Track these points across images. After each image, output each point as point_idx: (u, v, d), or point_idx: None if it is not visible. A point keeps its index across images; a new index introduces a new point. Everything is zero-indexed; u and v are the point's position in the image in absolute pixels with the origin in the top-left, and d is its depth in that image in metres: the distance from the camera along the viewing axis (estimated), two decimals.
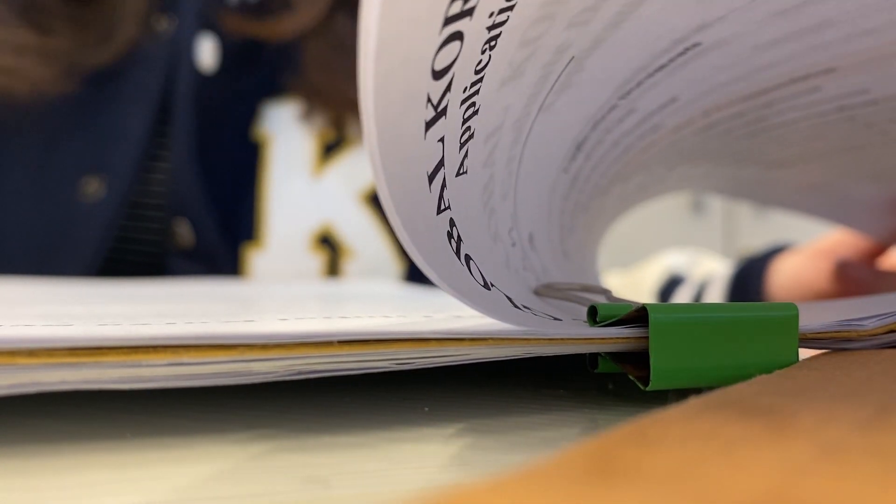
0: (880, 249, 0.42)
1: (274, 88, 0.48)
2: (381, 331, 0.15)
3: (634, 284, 0.58)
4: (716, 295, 0.49)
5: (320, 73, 0.48)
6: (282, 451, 0.14)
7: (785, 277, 0.46)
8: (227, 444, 0.14)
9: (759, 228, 1.77)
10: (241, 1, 0.49)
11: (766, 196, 0.38)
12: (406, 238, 0.14)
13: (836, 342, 0.19)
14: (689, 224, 1.69)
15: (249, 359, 0.14)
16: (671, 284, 0.55)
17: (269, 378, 0.14)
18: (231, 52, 0.48)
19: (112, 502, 0.11)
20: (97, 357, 0.13)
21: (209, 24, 0.48)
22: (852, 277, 0.39)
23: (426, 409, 0.17)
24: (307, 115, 0.48)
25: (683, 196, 1.69)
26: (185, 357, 0.13)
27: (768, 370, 0.16)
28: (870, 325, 0.19)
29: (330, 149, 0.48)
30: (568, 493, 0.07)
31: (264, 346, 0.14)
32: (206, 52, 0.47)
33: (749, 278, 0.47)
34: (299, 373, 0.14)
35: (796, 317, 0.18)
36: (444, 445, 0.14)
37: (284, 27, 0.47)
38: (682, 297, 0.52)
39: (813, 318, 0.20)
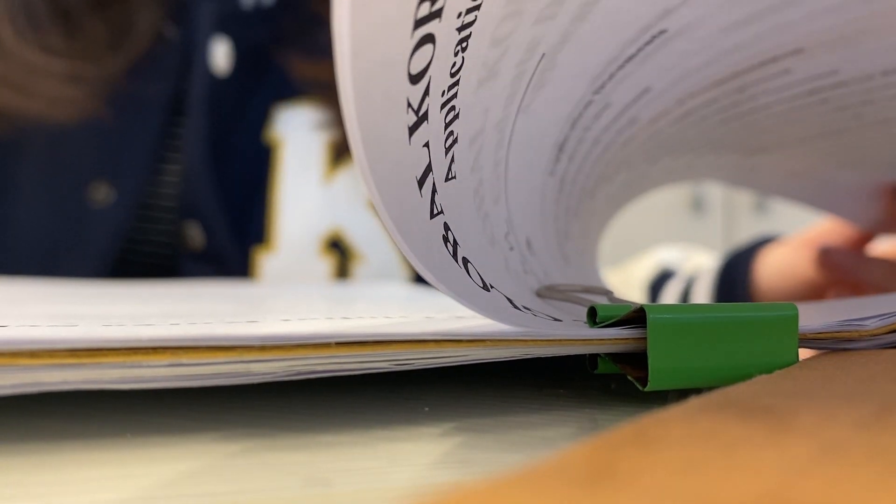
0: (866, 238, 0.43)
1: (286, 92, 0.48)
2: (378, 332, 0.15)
3: (626, 279, 0.58)
4: (704, 287, 0.49)
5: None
6: (283, 450, 0.14)
7: (772, 267, 0.46)
8: (229, 442, 0.14)
9: (758, 226, 1.77)
10: (255, 4, 0.49)
11: (752, 182, 0.39)
12: (401, 241, 0.14)
13: (836, 342, 0.19)
14: (689, 223, 1.69)
15: (248, 360, 0.14)
16: (662, 278, 0.55)
17: (269, 378, 0.14)
18: (244, 55, 0.48)
19: (110, 497, 0.11)
20: (98, 358, 0.13)
21: (223, 28, 0.48)
22: (835, 263, 0.39)
23: (426, 408, 0.17)
24: (324, 124, 0.48)
25: (683, 195, 1.69)
26: (185, 358, 0.13)
27: (768, 371, 0.16)
28: (872, 324, 0.19)
29: (341, 153, 0.48)
30: (568, 493, 0.07)
31: (262, 348, 0.14)
32: (220, 56, 0.47)
33: (736, 270, 0.48)
34: (298, 373, 0.14)
35: (796, 317, 0.17)
36: (445, 445, 0.14)
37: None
38: (672, 290, 0.53)
39: (813, 319, 0.20)
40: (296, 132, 0.47)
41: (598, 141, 0.25)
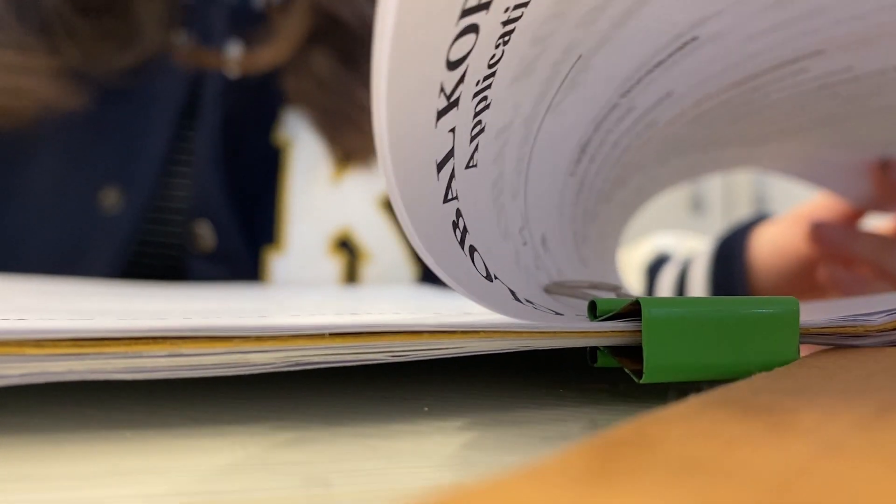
0: (858, 214, 0.43)
1: (295, 94, 0.48)
2: (371, 323, 0.15)
3: (623, 264, 0.58)
4: (700, 267, 0.50)
5: (306, 109, 0.48)
6: (282, 449, 0.13)
7: (766, 244, 0.47)
8: (228, 441, 0.14)
9: None
10: (266, 6, 0.50)
11: (750, 165, 0.39)
12: (407, 222, 0.14)
13: (841, 338, 0.18)
14: (689, 223, 1.69)
15: (246, 350, 0.14)
16: (658, 262, 0.56)
17: (268, 369, 0.14)
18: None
19: (108, 493, 0.11)
20: (100, 348, 0.13)
21: (236, 30, 0.48)
22: (826, 237, 0.40)
23: (426, 408, 0.17)
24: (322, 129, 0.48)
25: (683, 194, 1.69)
26: (184, 348, 0.13)
27: (768, 367, 0.16)
28: (878, 320, 0.18)
29: (349, 154, 0.48)
30: (568, 492, 0.07)
31: (258, 338, 0.14)
32: (233, 58, 0.47)
33: (731, 249, 0.49)
34: (296, 364, 0.14)
35: (797, 312, 0.17)
36: (444, 444, 0.14)
37: (258, 60, 0.47)
38: (668, 273, 0.53)
39: (816, 315, 0.20)
40: (304, 134, 0.48)
41: (617, 143, 0.25)
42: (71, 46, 0.45)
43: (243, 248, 0.46)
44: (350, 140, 0.47)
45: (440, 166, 0.15)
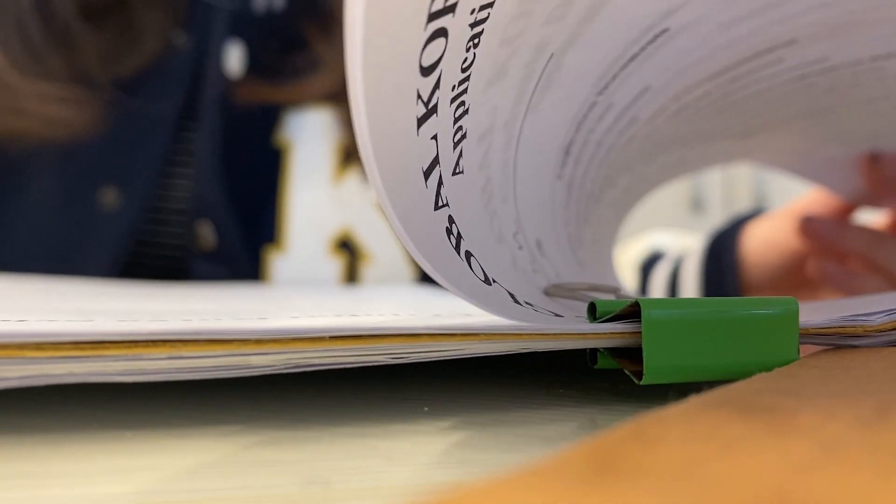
0: (850, 208, 0.43)
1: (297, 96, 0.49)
2: (371, 326, 0.15)
3: (618, 261, 0.58)
4: (693, 264, 0.50)
5: (336, 107, 0.48)
6: (283, 448, 0.14)
7: (757, 240, 0.47)
8: (229, 440, 0.14)
9: None
10: (267, 9, 0.50)
11: (741, 159, 0.39)
12: (401, 230, 0.14)
13: (841, 338, 0.18)
14: (689, 223, 1.70)
15: (246, 353, 0.14)
16: (652, 260, 0.56)
17: (267, 371, 0.14)
18: (258, 59, 0.48)
19: (110, 491, 0.11)
20: (100, 350, 0.13)
21: (237, 33, 0.48)
22: (816, 231, 0.40)
23: (426, 408, 0.17)
24: (336, 124, 0.48)
25: (683, 194, 1.69)
26: (184, 351, 0.14)
27: (768, 367, 0.16)
28: (878, 320, 0.18)
29: (350, 155, 0.48)
30: (568, 492, 0.07)
31: (259, 341, 0.14)
32: (234, 59, 0.48)
33: (723, 244, 0.49)
34: (296, 366, 0.14)
35: (796, 312, 0.17)
36: (444, 444, 0.14)
37: (304, 91, 0.48)
38: (661, 271, 0.54)
39: (816, 315, 0.20)
40: (306, 135, 0.48)
41: (601, 143, 0.25)
42: (83, 57, 0.45)
43: (244, 248, 0.46)
44: None
45: (427, 174, 0.15)
